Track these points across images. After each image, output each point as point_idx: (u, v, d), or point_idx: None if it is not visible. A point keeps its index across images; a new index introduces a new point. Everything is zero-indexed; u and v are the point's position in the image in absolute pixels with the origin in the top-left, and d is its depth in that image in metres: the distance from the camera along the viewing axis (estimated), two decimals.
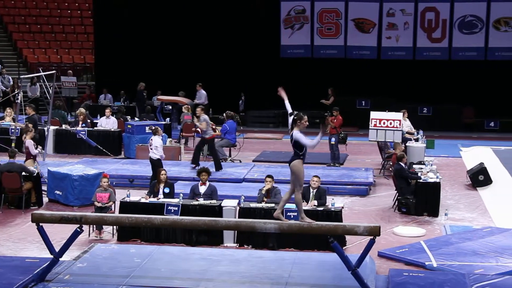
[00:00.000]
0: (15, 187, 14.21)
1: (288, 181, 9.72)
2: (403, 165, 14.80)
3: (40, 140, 19.68)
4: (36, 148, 15.63)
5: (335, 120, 18.98)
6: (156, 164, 15.51)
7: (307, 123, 9.34)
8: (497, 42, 26.10)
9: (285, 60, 27.18)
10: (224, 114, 19.89)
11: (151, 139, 16.09)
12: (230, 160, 19.31)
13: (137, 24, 27.61)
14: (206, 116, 18.16)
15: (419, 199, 14.41)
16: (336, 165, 18.55)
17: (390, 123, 17.79)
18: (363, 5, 26.73)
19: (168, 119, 22.56)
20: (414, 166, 15.86)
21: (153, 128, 16.69)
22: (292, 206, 11.11)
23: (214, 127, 19.68)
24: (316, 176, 12.91)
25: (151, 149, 15.92)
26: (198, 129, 19.29)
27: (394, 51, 26.76)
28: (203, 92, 25.05)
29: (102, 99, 26.91)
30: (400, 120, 17.93)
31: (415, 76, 26.33)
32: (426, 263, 11.09)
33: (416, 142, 18.38)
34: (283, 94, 9.73)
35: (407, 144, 17.92)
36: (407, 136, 18.99)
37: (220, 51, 26.97)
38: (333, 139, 18.67)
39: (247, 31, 26.76)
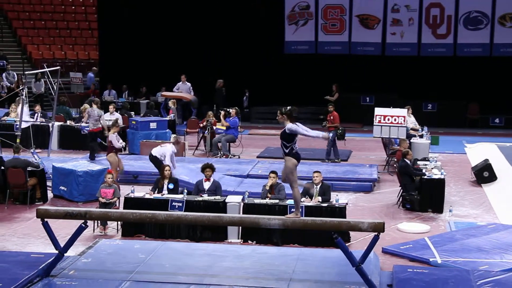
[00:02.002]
0: (20, 182, 14.24)
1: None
2: (408, 162, 14.79)
3: (44, 136, 19.77)
4: (118, 142, 15.70)
5: (332, 117, 18.94)
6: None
7: (279, 116, 9.24)
8: (503, 38, 26.02)
9: (289, 56, 27.16)
10: (234, 110, 19.92)
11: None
12: (232, 156, 19.33)
13: (141, 20, 27.61)
14: (102, 112, 18.58)
15: (424, 196, 14.39)
16: (336, 161, 18.53)
17: (395, 120, 17.76)
18: (367, 1, 26.68)
19: (172, 115, 22.52)
20: (418, 162, 15.84)
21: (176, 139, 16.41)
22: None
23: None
24: (316, 171, 12.89)
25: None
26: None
27: (398, 47, 26.69)
28: (188, 84, 24.76)
29: (107, 95, 26.94)
30: (404, 117, 17.90)
31: (420, 72, 26.28)
32: (431, 260, 11.08)
33: (421, 139, 18.36)
34: None
35: (411, 141, 17.89)
36: (412, 132, 18.96)
37: (224, 47, 26.95)
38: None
39: (251, 27, 26.73)
